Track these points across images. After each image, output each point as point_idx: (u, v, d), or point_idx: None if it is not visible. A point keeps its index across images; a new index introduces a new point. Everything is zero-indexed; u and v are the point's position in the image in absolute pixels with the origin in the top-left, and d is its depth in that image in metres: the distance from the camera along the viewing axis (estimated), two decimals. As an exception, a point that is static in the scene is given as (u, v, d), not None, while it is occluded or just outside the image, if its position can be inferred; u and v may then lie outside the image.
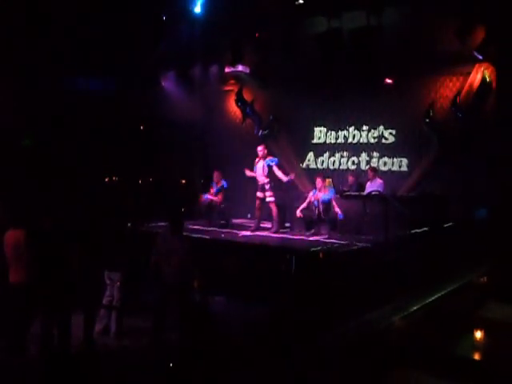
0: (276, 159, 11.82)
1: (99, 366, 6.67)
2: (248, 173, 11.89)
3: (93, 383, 6.10)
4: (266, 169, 11.62)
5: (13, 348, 6.97)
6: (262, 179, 11.70)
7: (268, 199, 11.69)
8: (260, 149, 11.84)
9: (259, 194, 11.81)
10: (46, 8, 12.21)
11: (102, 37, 12.87)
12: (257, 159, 11.86)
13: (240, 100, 15.03)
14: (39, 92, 12.72)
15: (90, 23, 12.68)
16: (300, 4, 12.42)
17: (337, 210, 11.27)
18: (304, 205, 11.54)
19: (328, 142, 14.11)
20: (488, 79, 11.55)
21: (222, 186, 12.77)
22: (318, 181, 11.50)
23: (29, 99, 12.51)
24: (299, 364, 6.10)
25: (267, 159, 11.68)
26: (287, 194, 13.26)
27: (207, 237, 10.91)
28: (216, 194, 12.76)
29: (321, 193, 11.35)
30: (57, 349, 6.87)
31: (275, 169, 11.59)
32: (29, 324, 7.19)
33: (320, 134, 14.31)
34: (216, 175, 12.95)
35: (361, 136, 13.63)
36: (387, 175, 12.84)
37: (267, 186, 11.64)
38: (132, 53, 13.63)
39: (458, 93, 12.07)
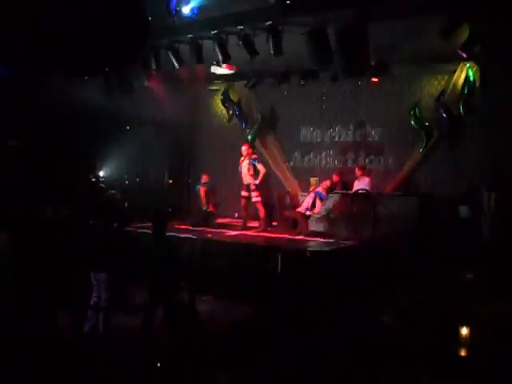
0: (259, 158, 11.89)
1: (87, 362, 6.63)
2: None
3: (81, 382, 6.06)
4: (252, 168, 11.67)
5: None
6: (248, 179, 11.74)
7: (254, 199, 11.71)
8: (244, 148, 11.94)
9: (244, 194, 11.85)
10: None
11: (87, 35, 12.77)
12: (242, 158, 11.95)
13: (226, 100, 15.02)
14: (26, 92, 12.63)
15: (77, 22, 12.58)
16: (287, 4, 12.40)
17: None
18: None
19: (314, 140, 14.14)
20: (472, 78, 11.63)
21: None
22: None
23: (15, 99, 12.43)
24: (288, 364, 6.10)
25: (251, 158, 11.74)
26: (274, 193, 13.29)
27: (194, 236, 10.88)
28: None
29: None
30: (46, 347, 6.83)
31: (259, 167, 11.66)
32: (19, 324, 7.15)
33: (306, 133, 14.33)
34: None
35: (347, 135, 13.67)
36: (374, 173, 12.88)
37: (253, 186, 11.68)
38: (118, 52, 13.54)
39: (443, 91, 12.15)
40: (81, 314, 7.74)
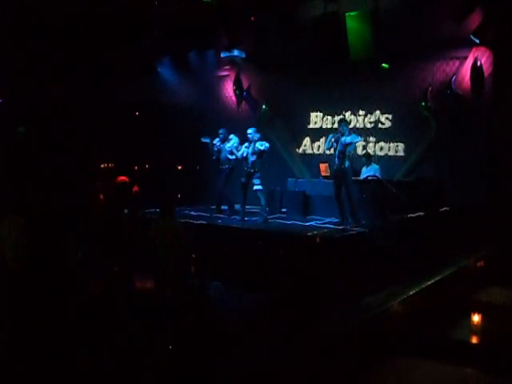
0: (266, 143, 11.26)
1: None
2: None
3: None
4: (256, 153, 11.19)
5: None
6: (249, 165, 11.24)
7: (256, 187, 11.17)
8: (250, 132, 11.32)
9: (244, 180, 11.42)
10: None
11: (98, 21, 12.77)
12: (247, 143, 11.41)
13: (237, 85, 14.95)
14: (37, 79, 12.66)
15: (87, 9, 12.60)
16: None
17: None
18: None
19: (324, 127, 14.07)
20: (479, 64, 11.50)
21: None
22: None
23: (24, 87, 12.46)
24: (297, 350, 6.11)
25: (258, 143, 11.17)
26: (284, 180, 13.25)
27: (204, 222, 10.90)
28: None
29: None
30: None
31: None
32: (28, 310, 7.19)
33: (316, 119, 14.28)
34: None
35: (357, 121, 13.61)
36: (384, 160, 12.84)
37: (258, 174, 11.18)
38: (127, 38, 13.54)
39: (454, 77, 12.06)
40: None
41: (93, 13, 12.61)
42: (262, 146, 11.14)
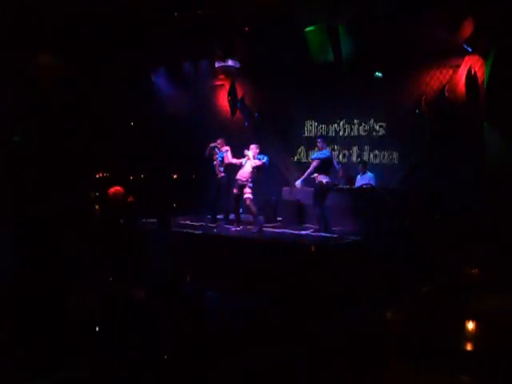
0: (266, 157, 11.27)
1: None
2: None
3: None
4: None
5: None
6: (246, 177, 11.19)
7: (246, 196, 11.04)
8: (253, 147, 11.29)
9: (236, 191, 11.33)
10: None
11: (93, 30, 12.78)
12: (246, 158, 11.31)
13: (231, 95, 14.98)
14: (31, 86, 12.66)
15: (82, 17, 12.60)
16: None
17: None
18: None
19: (319, 135, 14.10)
20: (473, 72, 11.56)
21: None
22: None
23: (20, 93, 12.46)
24: (295, 357, 6.12)
25: (258, 156, 11.17)
26: (279, 189, 13.27)
27: (199, 232, 10.90)
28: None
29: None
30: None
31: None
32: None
33: (311, 128, 14.32)
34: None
35: (351, 129, 13.66)
36: (378, 168, 12.87)
37: (250, 185, 11.09)
38: (122, 48, 13.57)
39: (447, 86, 12.12)
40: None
41: (93, 14, 12.60)
42: (264, 158, 11.18)
